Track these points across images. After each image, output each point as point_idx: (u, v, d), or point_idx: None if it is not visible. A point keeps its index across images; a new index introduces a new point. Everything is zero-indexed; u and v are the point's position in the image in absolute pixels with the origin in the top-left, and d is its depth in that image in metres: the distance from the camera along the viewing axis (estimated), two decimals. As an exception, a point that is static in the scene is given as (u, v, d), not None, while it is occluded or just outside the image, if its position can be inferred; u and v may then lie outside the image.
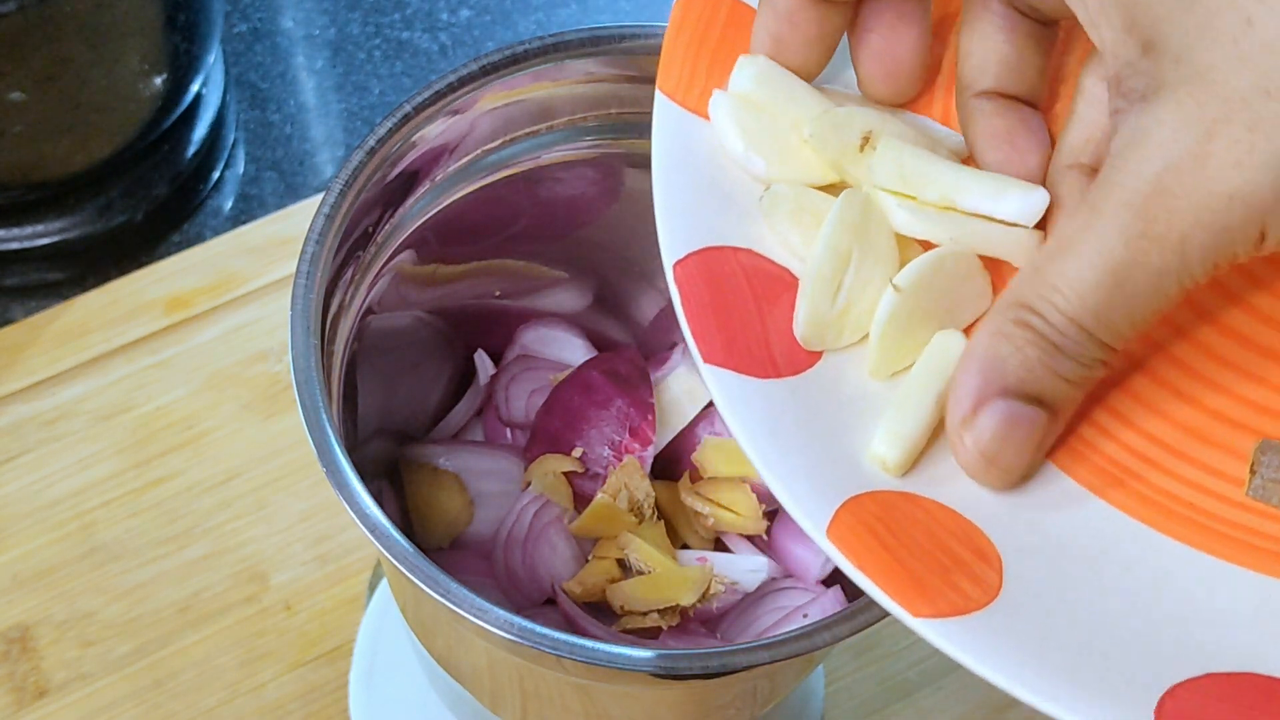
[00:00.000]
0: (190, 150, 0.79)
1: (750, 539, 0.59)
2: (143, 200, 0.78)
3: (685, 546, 0.59)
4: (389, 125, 0.50)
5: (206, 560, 0.69)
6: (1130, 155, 0.37)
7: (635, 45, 0.52)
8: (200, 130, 0.80)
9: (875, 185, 0.42)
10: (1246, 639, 0.38)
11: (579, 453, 0.58)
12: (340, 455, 0.45)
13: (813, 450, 0.40)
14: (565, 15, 0.86)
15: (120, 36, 0.72)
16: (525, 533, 0.57)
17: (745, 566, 0.58)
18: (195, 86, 0.78)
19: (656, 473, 0.59)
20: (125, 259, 0.77)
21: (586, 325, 0.62)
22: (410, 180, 0.52)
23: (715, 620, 0.57)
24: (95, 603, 0.68)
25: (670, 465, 0.60)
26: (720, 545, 0.59)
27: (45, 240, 0.77)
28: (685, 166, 0.44)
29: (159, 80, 0.74)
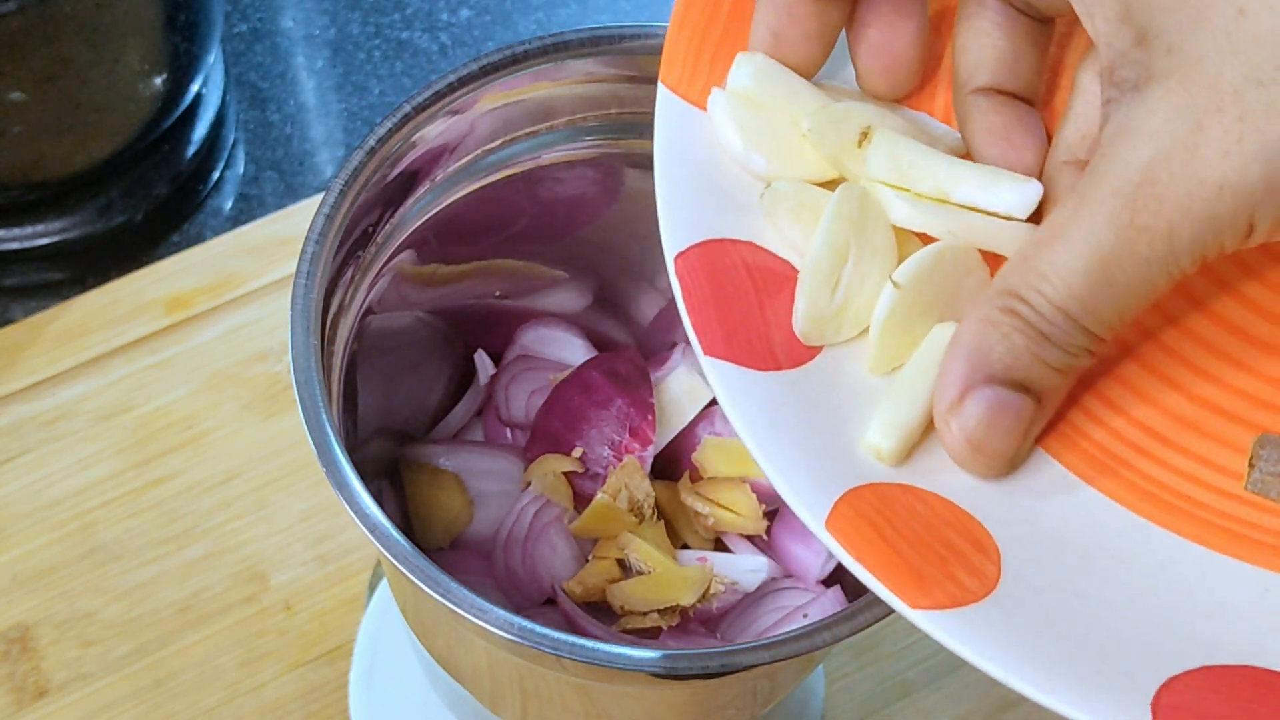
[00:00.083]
0: (190, 150, 0.79)
1: (750, 539, 0.59)
2: (143, 200, 0.78)
3: (685, 546, 0.59)
4: (389, 125, 0.50)
5: (206, 560, 0.69)
6: (1120, 144, 0.38)
7: (635, 45, 0.52)
8: (200, 130, 0.80)
9: (870, 177, 0.42)
10: (1243, 632, 0.38)
11: (579, 453, 0.58)
12: (340, 455, 0.45)
13: (812, 443, 0.40)
14: (565, 15, 0.86)
15: (120, 36, 0.72)
16: (525, 533, 0.57)
17: (745, 566, 0.58)
18: (195, 86, 0.78)
19: (656, 473, 0.59)
20: (125, 259, 0.77)
21: (586, 325, 0.62)
22: (410, 180, 0.52)
23: (715, 620, 0.57)
24: (95, 603, 0.68)
25: (670, 465, 0.59)
26: (720, 545, 0.59)
27: (45, 240, 0.77)
28: (687, 160, 0.44)
29: (159, 80, 0.74)
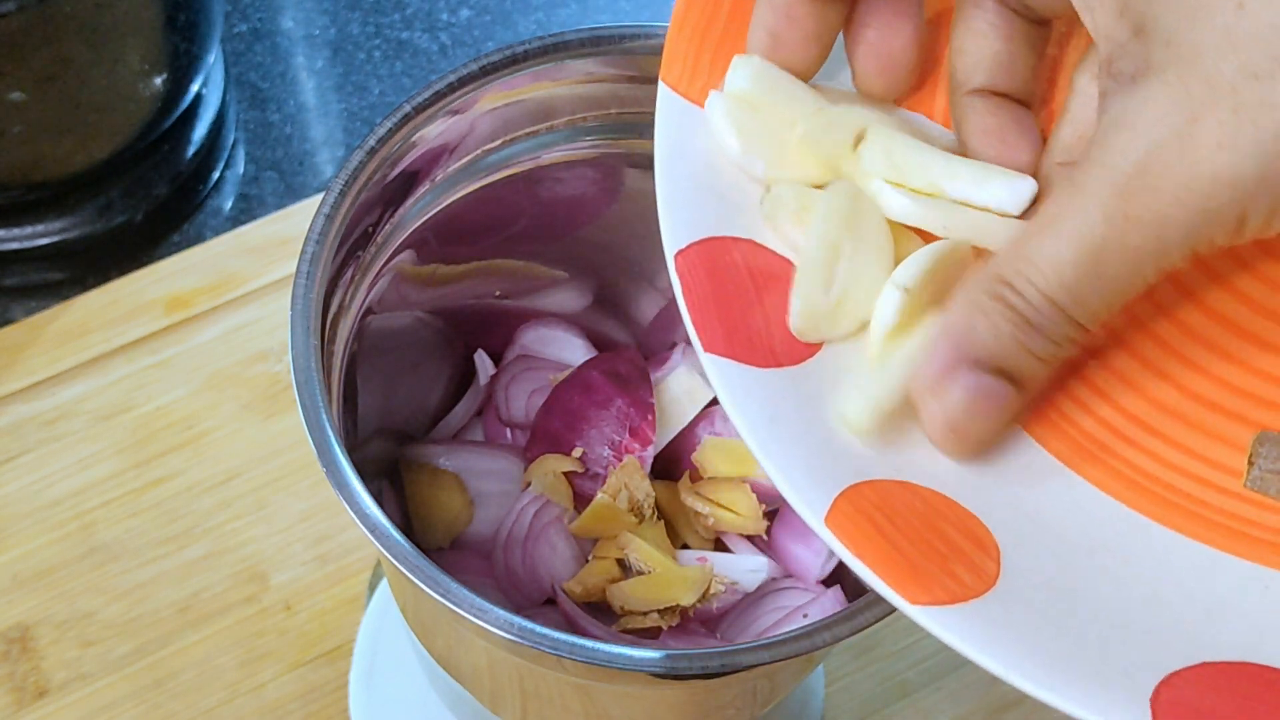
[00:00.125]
0: (190, 150, 0.79)
1: (750, 539, 0.59)
2: (143, 200, 0.78)
3: (685, 546, 0.59)
4: (389, 125, 0.50)
5: (206, 560, 0.69)
6: (1116, 135, 0.37)
7: (635, 45, 0.52)
8: (200, 130, 0.80)
9: (865, 172, 0.42)
10: (1243, 629, 0.38)
11: (579, 453, 0.58)
12: (340, 455, 0.45)
13: (812, 439, 0.40)
14: (565, 15, 0.86)
15: (120, 36, 0.72)
16: (525, 533, 0.57)
17: (745, 566, 0.58)
18: (195, 86, 0.78)
19: (656, 473, 0.59)
20: (125, 259, 0.77)
21: (586, 325, 0.62)
22: (410, 180, 0.52)
23: (715, 620, 0.57)
24: (95, 603, 0.68)
25: (670, 465, 0.59)
26: (720, 545, 0.59)
27: (45, 240, 0.77)
28: (687, 158, 0.44)
29: (159, 80, 0.74)
